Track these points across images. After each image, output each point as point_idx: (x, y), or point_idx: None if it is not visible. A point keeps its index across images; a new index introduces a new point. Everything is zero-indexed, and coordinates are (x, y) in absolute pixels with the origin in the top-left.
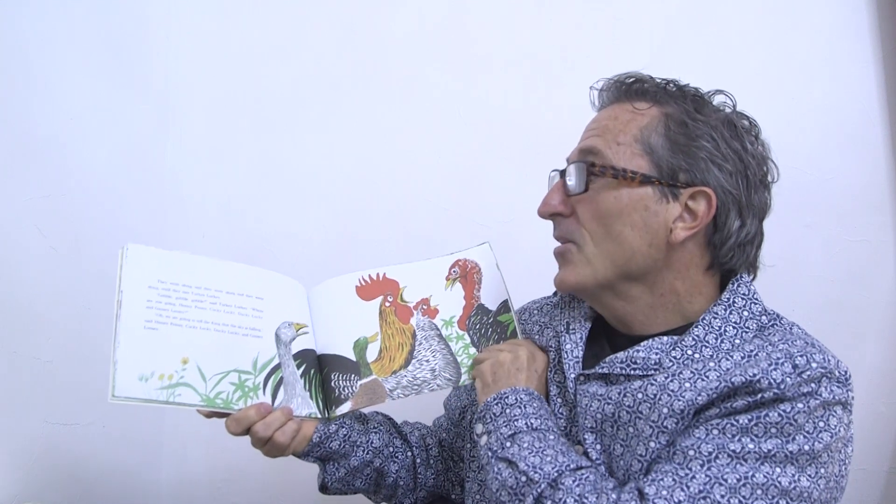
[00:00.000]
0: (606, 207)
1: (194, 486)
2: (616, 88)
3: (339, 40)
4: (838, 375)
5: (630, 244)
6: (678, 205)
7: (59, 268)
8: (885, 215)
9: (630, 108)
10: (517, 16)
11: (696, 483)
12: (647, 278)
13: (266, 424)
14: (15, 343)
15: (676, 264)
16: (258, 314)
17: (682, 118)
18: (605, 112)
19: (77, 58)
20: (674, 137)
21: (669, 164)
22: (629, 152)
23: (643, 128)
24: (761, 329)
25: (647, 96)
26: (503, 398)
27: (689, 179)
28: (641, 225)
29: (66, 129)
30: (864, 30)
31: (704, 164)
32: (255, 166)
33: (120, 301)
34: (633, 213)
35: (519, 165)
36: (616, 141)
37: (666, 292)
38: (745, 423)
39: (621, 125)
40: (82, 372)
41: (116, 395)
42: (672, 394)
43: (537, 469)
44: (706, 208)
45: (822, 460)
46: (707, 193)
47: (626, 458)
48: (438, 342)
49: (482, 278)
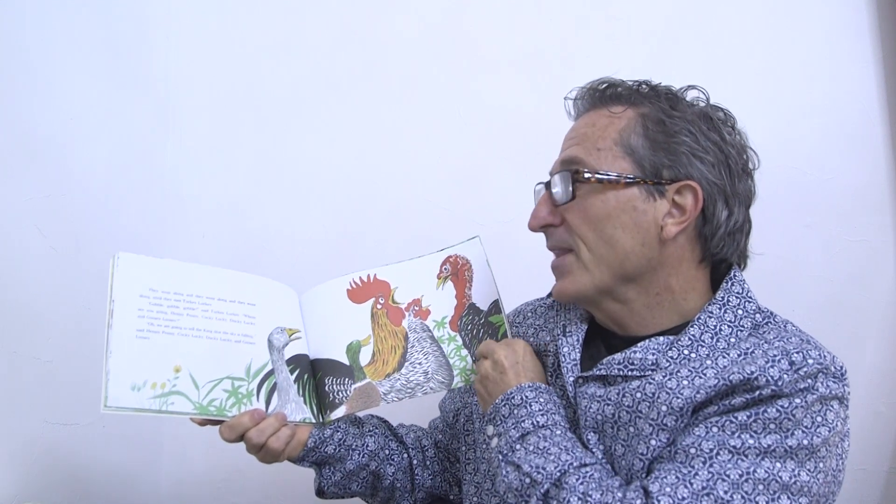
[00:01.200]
0: (595, 212)
1: (194, 486)
2: (590, 96)
3: (339, 40)
4: (834, 371)
5: (623, 246)
6: (665, 201)
7: (59, 268)
8: (885, 215)
9: (606, 113)
10: (517, 16)
11: (699, 480)
12: (642, 278)
13: (260, 431)
14: (15, 343)
15: (670, 260)
16: (250, 320)
17: (659, 116)
18: (582, 120)
19: (77, 58)
20: (653, 136)
21: (652, 163)
22: (611, 156)
23: (621, 130)
24: (756, 327)
25: (622, 99)
26: (509, 399)
27: (673, 175)
28: (632, 225)
29: (66, 129)
30: (864, 30)
31: (686, 159)
32: (255, 166)
33: (111, 310)
34: (621, 214)
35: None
36: (596, 147)
37: (661, 291)
38: (744, 419)
39: (599, 131)
40: (82, 372)
41: (109, 405)
42: (671, 392)
43: (540, 469)
44: (693, 201)
45: (821, 455)
46: (692, 187)
47: (627, 457)
48: (431, 344)
49: (473, 276)
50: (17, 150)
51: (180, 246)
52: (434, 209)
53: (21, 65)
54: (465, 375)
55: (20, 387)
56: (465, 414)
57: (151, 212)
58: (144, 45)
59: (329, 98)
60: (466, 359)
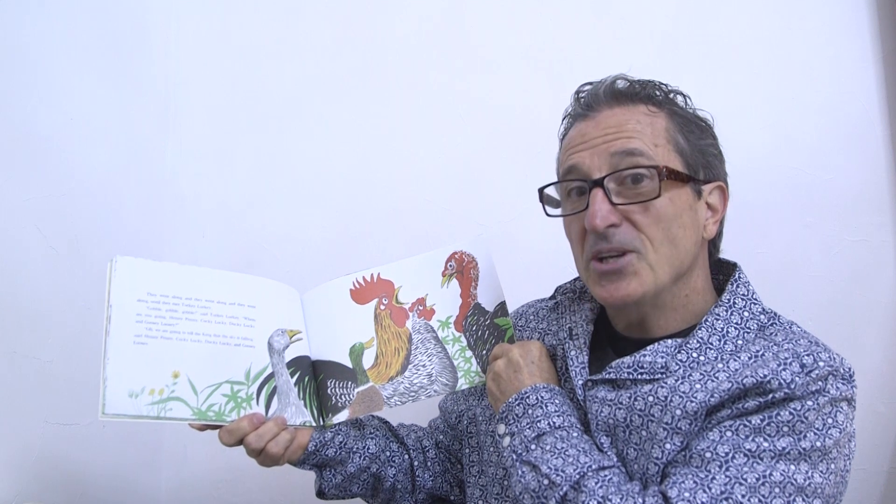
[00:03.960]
0: (665, 211)
1: (194, 486)
2: (623, 91)
3: (339, 40)
4: (843, 372)
5: (685, 245)
6: (703, 201)
7: (59, 268)
8: (885, 215)
9: (645, 110)
10: (518, 16)
11: (717, 484)
12: (683, 279)
13: (259, 436)
14: (15, 343)
15: (701, 261)
16: (250, 323)
17: (687, 117)
18: (616, 114)
19: (77, 58)
20: (689, 137)
21: (695, 162)
22: (667, 152)
23: (667, 129)
24: (762, 328)
25: (653, 99)
26: (524, 398)
27: (708, 175)
28: (690, 225)
29: (66, 129)
30: (864, 30)
31: (714, 160)
32: (255, 166)
33: (109, 316)
34: (683, 213)
35: (519, 165)
36: (654, 142)
37: (690, 292)
38: (757, 423)
39: (648, 127)
40: (82, 372)
41: (106, 412)
42: (683, 395)
43: (559, 472)
44: (721, 201)
45: (832, 456)
46: (722, 187)
47: (640, 461)
48: (435, 345)
49: (479, 275)
50: (17, 150)
51: (180, 246)
52: (435, 209)
53: (21, 65)
54: (469, 377)
55: (20, 387)
56: (469, 417)
57: (151, 212)
58: (144, 45)
59: (330, 98)
60: (471, 360)
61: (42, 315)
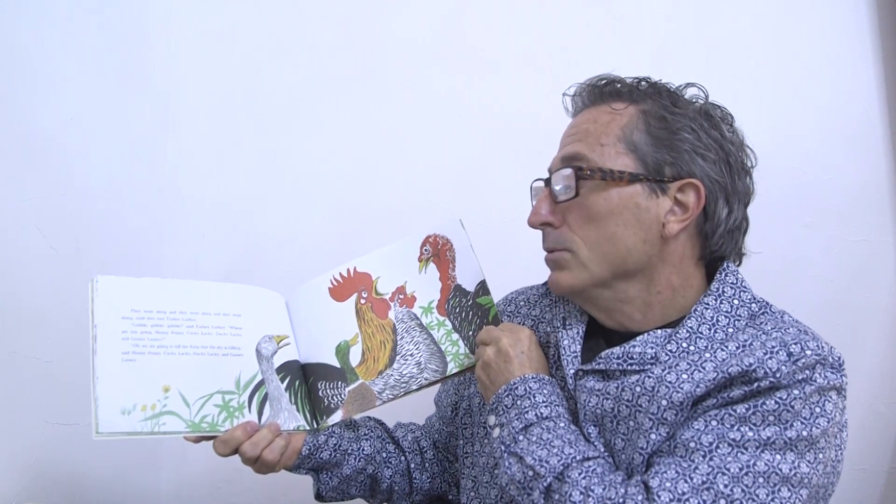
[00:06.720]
0: (598, 210)
1: (194, 486)
2: (590, 92)
3: (339, 40)
4: (832, 361)
5: (624, 242)
6: (667, 199)
7: (59, 268)
8: (885, 215)
9: (608, 109)
10: (517, 16)
11: (698, 474)
12: (643, 275)
13: (253, 444)
14: (15, 343)
15: (671, 258)
16: (237, 332)
17: (661, 113)
18: (582, 116)
19: (77, 58)
20: (655, 133)
21: (655, 160)
22: (614, 152)
23: (624, 127)
24: (752, 317)
25: (623, 96)
26: (513, 389)
27: (676, 173)
28: (634, 222)
29: (66, 129)
30: (864, 30)
31: (688, 156)
32: (254, 166)
33: (95, 336)
34: (624, 211)
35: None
36: (599, 143)
37: (663, 289)
38: (742, 412)
39: (602, 127)
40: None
41: (101, 431)
42: (670, 385)
43: (543, 462)
44: (696, 199)
45: (820, 445)
46: (695, 185)
47: (627, 451)
48: (420, 332)
49: (455, 255)
50: (17, 150)
51: (180, 246)
52: (434, 209)
53: (21, 65)
54: (458, 360)
55: (20, 387)
56: (464, 407)
57: (151, 212)
58: (144, 45)
59: (329, 98)
60: (458, 343)
61: (42, 315)
